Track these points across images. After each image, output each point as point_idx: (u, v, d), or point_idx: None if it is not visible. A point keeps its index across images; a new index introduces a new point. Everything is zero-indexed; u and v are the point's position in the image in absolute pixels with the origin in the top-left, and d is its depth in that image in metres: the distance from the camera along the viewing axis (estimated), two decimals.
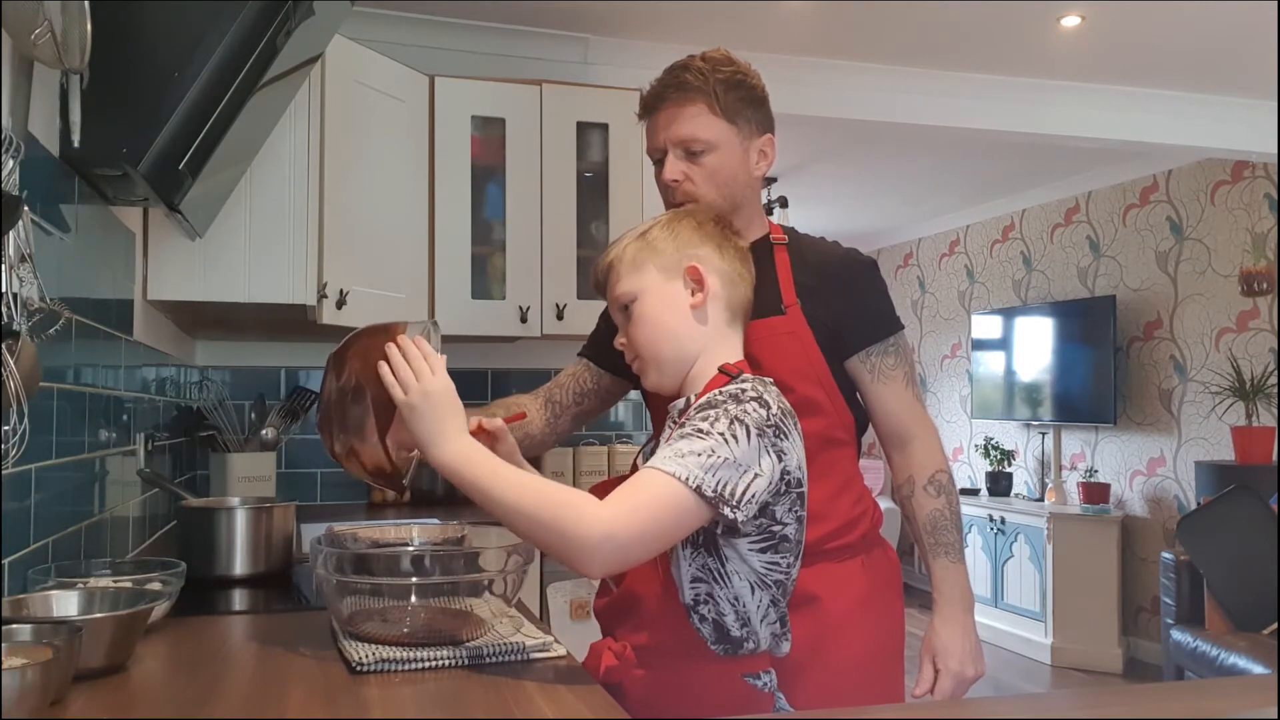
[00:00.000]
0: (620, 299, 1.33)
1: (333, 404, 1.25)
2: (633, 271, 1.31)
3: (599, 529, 1.08)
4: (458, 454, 1.16)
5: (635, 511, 1.10)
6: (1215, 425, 4.93)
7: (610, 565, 1.13)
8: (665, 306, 1.29)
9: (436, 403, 1.17)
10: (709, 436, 1.14)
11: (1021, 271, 6.32)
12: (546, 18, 3.29)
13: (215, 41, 1.41)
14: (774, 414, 1.18)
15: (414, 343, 1.21)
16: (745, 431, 1.15)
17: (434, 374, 1.18)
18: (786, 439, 1.18)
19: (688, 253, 1.30)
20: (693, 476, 1.11)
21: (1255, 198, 4.82)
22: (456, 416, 1.18)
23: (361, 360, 1.22)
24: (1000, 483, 6.08)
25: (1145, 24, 3.40)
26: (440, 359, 1.21)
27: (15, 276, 1.13)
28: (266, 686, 1.09)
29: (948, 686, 1.55)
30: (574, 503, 1.11)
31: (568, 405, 1.78)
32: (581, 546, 1.09)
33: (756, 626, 1.22)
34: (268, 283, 2.36)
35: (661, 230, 1.33)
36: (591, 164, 3.16)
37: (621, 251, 1.33)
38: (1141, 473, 5.41)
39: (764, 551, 1.20)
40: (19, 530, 1.28)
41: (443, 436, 1.16)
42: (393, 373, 1.18)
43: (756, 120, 1.61)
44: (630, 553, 1.12)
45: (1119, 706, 1.08)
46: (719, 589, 1.20)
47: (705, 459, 1.12)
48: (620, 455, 3.30)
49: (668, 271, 1.30)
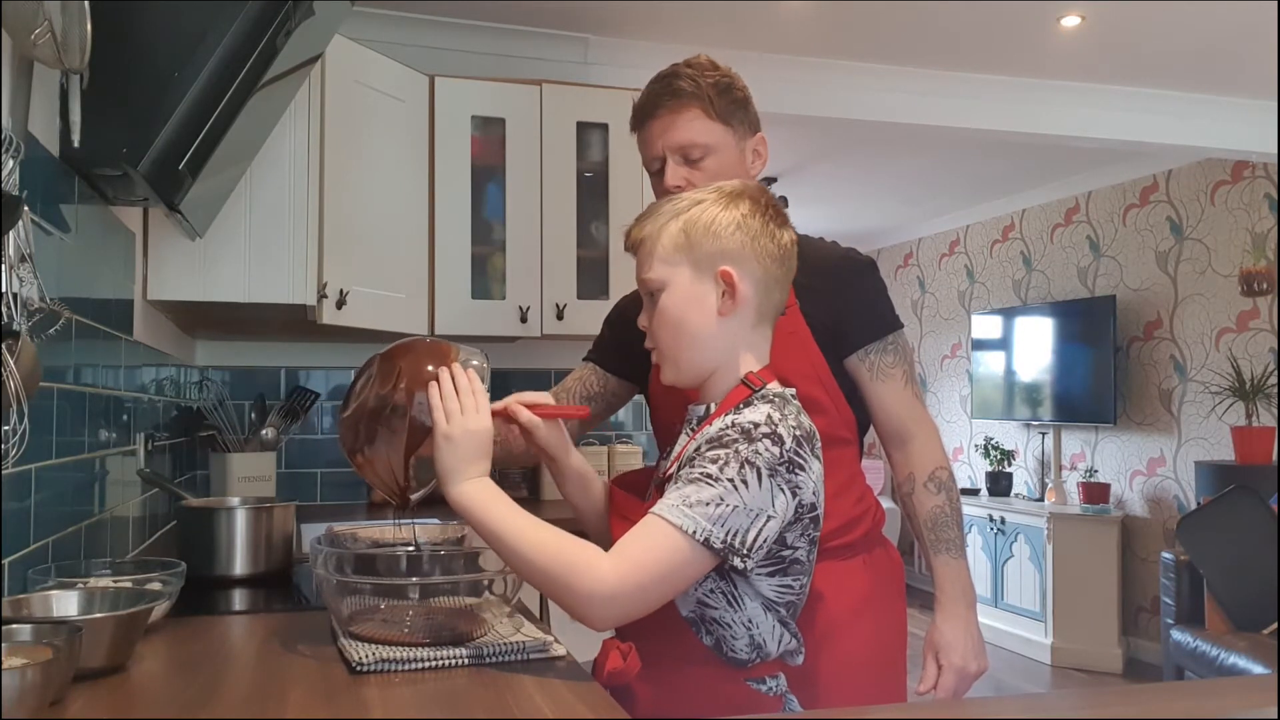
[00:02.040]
0: (648, 284, 1.26)
1: (368, 409, 1.23)
2: (664, 260, 1.23)
3: (603, 590, 1.09)
4: (475, 495, 1.16)
5: (639, 568, 1.10)
6: (1215, 425, 4.93)
7: (614, 620, 1.14)
8: (691, 306, 1.23)
9: (472, 443, 1.17)
10: (718, 483, 1.11)
11: (1021, 271, 6.32)
12: (546, 18, 3.29)
13: (215, 41, 1.41)
14: (788, 449, 1.13)
15: (467, 375, 1.20)
16: (756, 475, 1.11)
17: (478, 412, 1.18)
18: (802, 471, 1.15)
19: (724, 251, 1.21)
20: (700, 530, 1.10)
21: (1255, 198, 4.82)
22: (484, 460, 1.18)
23: (410, 379, 1.22)
24: (1000, 483, 6.08)
25: (1145, 24, 3.40)
26: (485, 398, 1.20)
27: (15, 276, 1.13)
28: (266, 686, 1.09)
29: (950, 683, 1.55)
30: (581, 560, 1.10)
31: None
32: (587, 605, 1.10)
33: (770, 649, 1.21)
34: (268, 283, 2.36)
35: (703, 214, 1.23)
36: (591, 164, 3.16)
37: (658, 232, 1.25)
38: (1141, 473, 5.41)
39: (772, 575, 1.19)
40: (19, 530, 1.28)
41: (465, 475, 1.17)
42: (440, 401, 1.18)
43: (747, 121, 1.63)
44: (633, 608, 1.12)
45: (1119, 706, 1.08)
46: (729, 613, 1.19)
47: (713, 509, 1.10)
48: (620, 455, 3.30)
49: (700, 269, 1.22)
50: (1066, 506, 5.55)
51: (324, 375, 3.23)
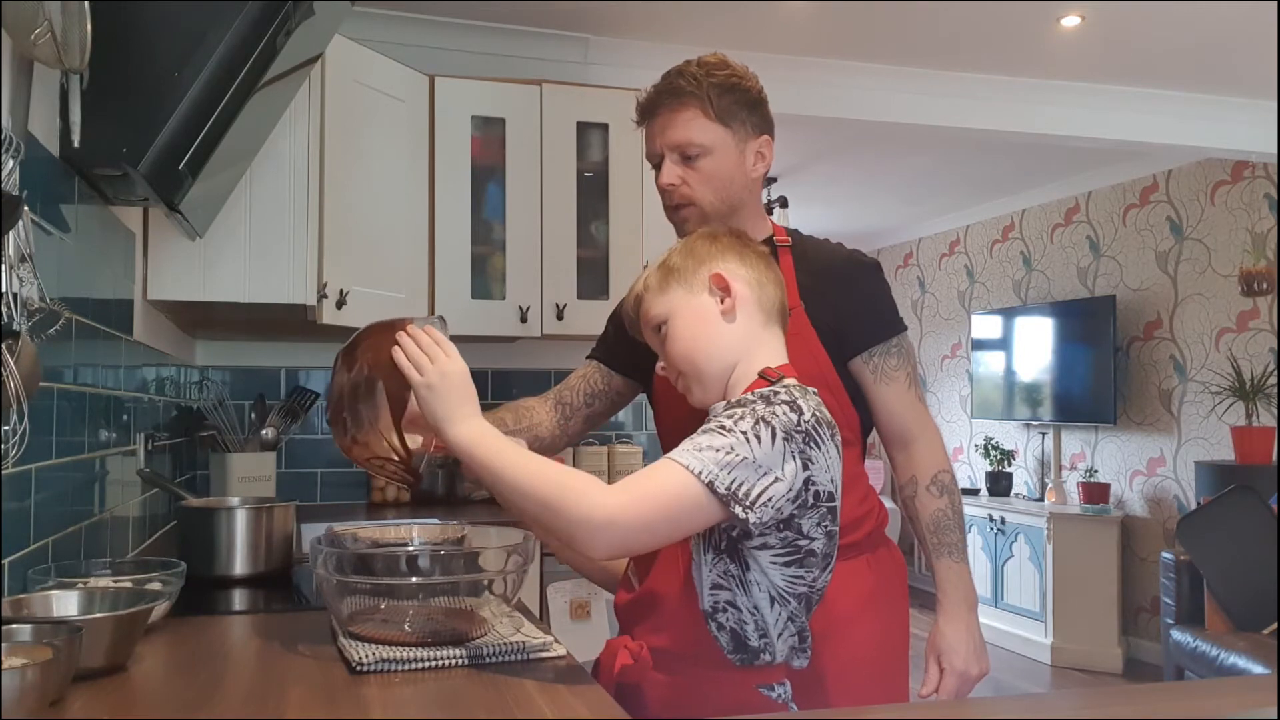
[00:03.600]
0: (652, 322, 1.33)
1: (345, 398, 1.26)
2: (659, 295, 1.32)
3: (602, 513, 1.09)
4: (472, 433, 1.17)
5: (642, 499, 1.11)
6: (1215, 425, 4.93)
7: (613, 550, 1.13)
8: (696, 319, 1.29)
9: (453, 384, 1.19)
10: (730, 434, 1.13)
11: (1021, 271, 6.32)
12: (546, 18, 3.29)
13: (215, 41, 1.41)
14: (806, 420, 1.15)
15: (425, 330, 1.23)
16: (770, 433, 1.13)
17: (449, 357, 1.20)
18: (818, 449, 1.16)
19: (708, 264, 1.30)
20: (706, 471, 1.11)
21: (1255, 198, 4.82)
22: (472, 400, 1.20)
23: (373, 353, 1.24)
24: (1000, 483, 6.08)
25: (1145, 24, 3.40)
26: (452, 345, 1.23)
27: (15, 276, 1.13)
28: (266, 686, 1.09)
29: (952, 686, 1.55)
30: (580, 485, 1.12)
31: (578, 407, 1.77)
32: (585, 528, 1.10)
33: (774, 639, 1.21)
34: (268, 283, 2.36)
35: (678, 254, 1.34)
36: (591, 164, 3.16)
37: (645, 280, 1.34)
38: (1141, 473, 5.41)
39: (788, 565, 1.19)
40: (19, 530, 1.28)
41: (458, 416, 1.18)
42: (407, 359, 1.20)
43: (752, 122, 1.62)
44: (634, 540, 1.13)
45: (1119, 706, 1.08)
46: (740, 597, 1.19)
47: (723, 455, 1.12)
48: (620, 455, 3.30)
49: (692, 285, 1.30)
50: (1066, 506, 5.55)
51: (324, 375, 3.22)
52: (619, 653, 1.25)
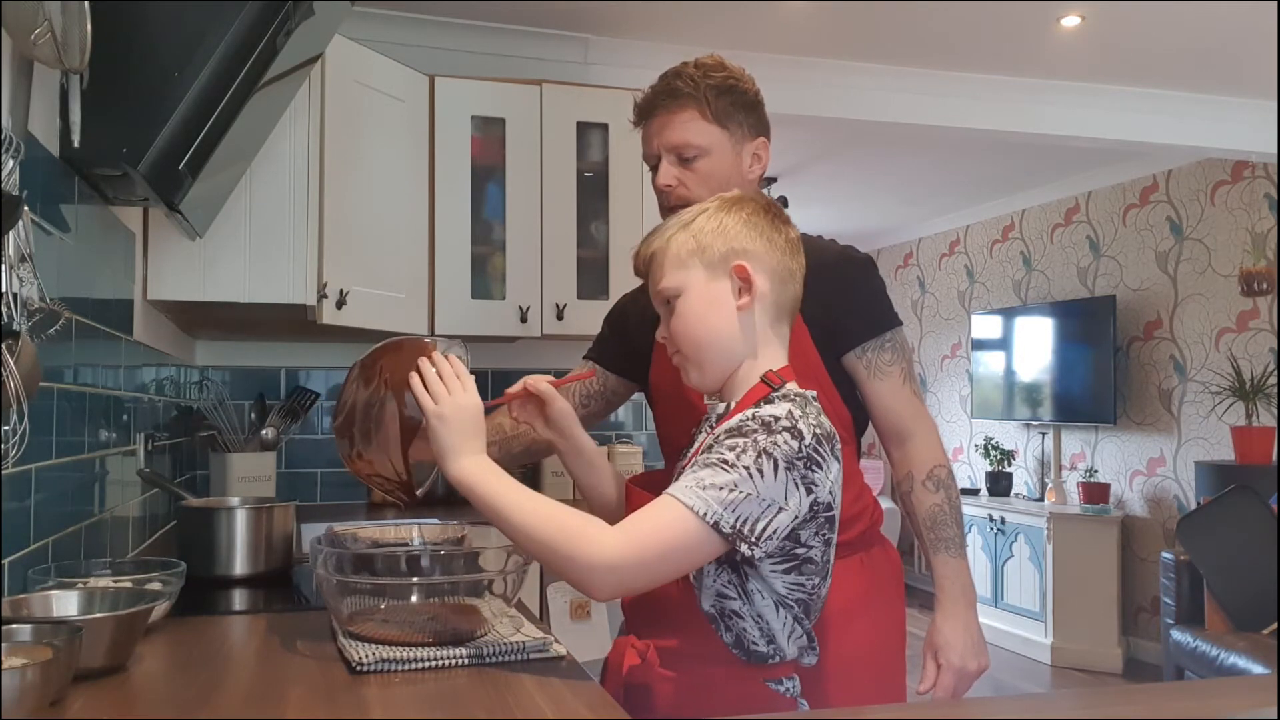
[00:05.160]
0: (663, 293, 1.28)
1: (357, 413, 1.26)
2: (677, 267, 1.25)
3: (604, 559, 1.09)
4: (474, 470, 1.17)
5: (644, 542, 1.10)
6: (1215, 425, 4.93)
7: (615, 593, 1.13)
8: (710, 306, 1.24)
9: (465, 418, 1.19)
10: (733, 469, 1.11)
11: (1021, 271, 6.32)
12: (546, 18, 3.29)
13: (215, 41, 1.41)
14: (807, 444, 1.13)
15: (447, 359, 1.23)
16: (773, 465, 1.11)
17: (465, 391, 1.21)
18: (820, 469, 1.14)
19: (735, 249, 1.24)
20: (711, 512, 1.09)
21: (1255, 198, 4.82)
22: (479, 435, 1.20)
23: (392, 373, 1.24)
24: (1000, 483, 6.08)
25: (1145, 24, 3.40)
26: (470, 378, 1.23)
27: (15, 276, 1.13)
28: (266, 686, 1.09)
29: (950, 682, 1.54)
30: (582, 528, 1.11)
31: (574, 408, 1.77)
32: (587, 573, 1.10)
33: (783, 644, 1.21)
34: (268, 283, 2.36)
35: (709, 221, 1.26)
36: (591, 164, 3.16)
37: (665, 243, 1.27)
38: (1141, 473, 5.41)
39: (787, 573, 1.18)
40: (19, 530, 1.28)
41: (463, 451, 1.18)
42: (424, 385, 1.20)
43: (749, 124, 1.62)
44: (635, 582, 1.12)
45: (1119, 706, 1.08)
46: (743, 606, 1.19)
47: (726, 494, 1.10)
48: (620, 455, 3.30)
49: (714, 269, 1.24)
50: (1066, 506, 5.55)
51: (324, 375, 3.23)
52: (626, 652, 1.25)
